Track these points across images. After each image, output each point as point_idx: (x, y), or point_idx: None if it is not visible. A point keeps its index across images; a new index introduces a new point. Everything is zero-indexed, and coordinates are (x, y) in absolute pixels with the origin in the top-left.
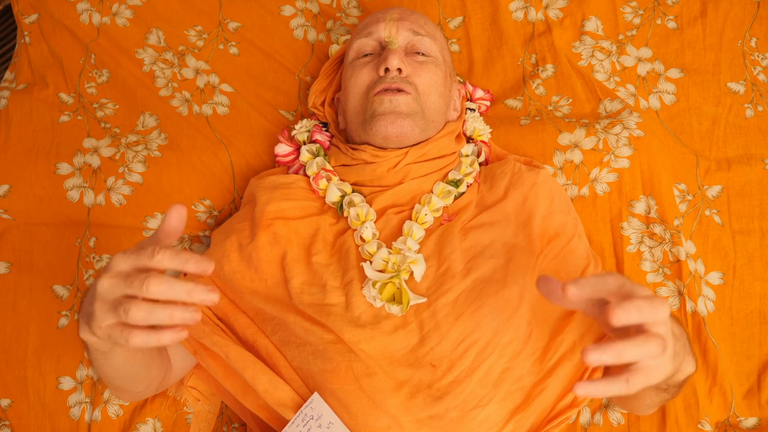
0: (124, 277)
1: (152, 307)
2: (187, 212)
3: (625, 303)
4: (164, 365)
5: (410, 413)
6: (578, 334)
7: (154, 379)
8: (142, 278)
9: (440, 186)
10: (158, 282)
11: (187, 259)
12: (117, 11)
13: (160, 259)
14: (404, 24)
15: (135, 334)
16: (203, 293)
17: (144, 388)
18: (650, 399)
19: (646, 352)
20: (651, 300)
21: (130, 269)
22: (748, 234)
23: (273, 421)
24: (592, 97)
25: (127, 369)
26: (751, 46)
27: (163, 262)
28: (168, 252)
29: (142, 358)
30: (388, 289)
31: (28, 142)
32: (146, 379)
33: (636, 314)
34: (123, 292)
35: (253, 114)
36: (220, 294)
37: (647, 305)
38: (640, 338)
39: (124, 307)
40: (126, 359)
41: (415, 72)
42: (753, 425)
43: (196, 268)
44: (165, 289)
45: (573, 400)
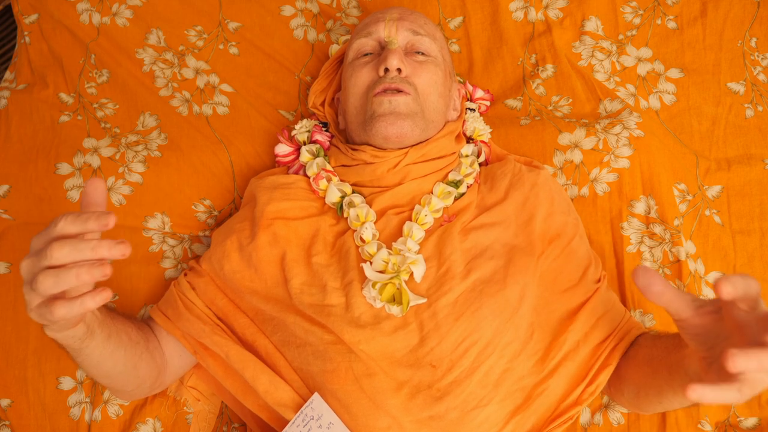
0: (36, 253)
1: (59, 271)
2: (103, 183)
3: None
4: (155, 364)
5: (410, 413)
6: (581, 334)
7: (145, 379)
8: (46, 250)
9: (440, 187)
10: (60, 246)
11: (86, 218)
12: (117, 11)
13: (63, 225)
14: (404, 24)
15: (57, 305)
16: (109, 247)
17: (135, 387)
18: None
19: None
20: None
21: (43, 245)
22: (748, 234)
23: (273, 421)
24: (592, 97)
25: (108, 367)
26: (751, 46)
27: (66, 227)
28: (69, 216)
29: (125, 356)
30: (388, 290)
31: (28, 142)
32: (134, 378)
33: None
34: (37, 268)
35: (253, 114)
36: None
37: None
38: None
39: (35, 281)
40: (104, 357)
41: (415, 72)
42: (753, 425)
43: (97, 224)
44: (69, 251)
45: (577, 398)
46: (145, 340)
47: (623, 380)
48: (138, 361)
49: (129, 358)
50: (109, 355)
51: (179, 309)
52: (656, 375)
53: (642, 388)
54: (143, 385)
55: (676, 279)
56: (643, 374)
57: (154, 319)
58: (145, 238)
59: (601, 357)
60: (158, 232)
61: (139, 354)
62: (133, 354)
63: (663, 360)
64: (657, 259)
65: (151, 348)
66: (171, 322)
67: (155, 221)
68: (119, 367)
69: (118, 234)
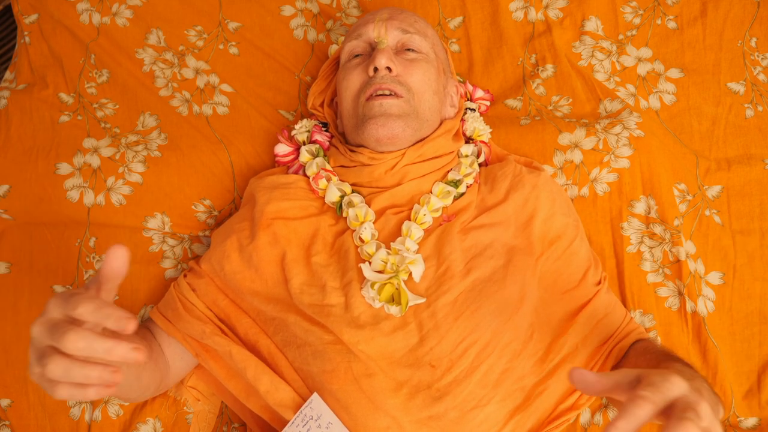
0: (51, 326)
1: (71, 365)
2: (128, 253)
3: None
4: (158, 370)
5: (410, 413)
6: (581, 337)
7: (148, 386)
8: (62, 331)
9: (439, 186)
10: (76, 338)
11: (107, 315)
12: (117, 11)
13: (81, 312)
14: (393, 23)
15: (61, 388)
16: (125, 351)
17: (138, 395)
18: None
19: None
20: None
21: (60, 316)
22: (748, 234)
23: (275, 421)
24: (592, 97)
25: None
26: (751, 46)
27: (84, 315)
28: (91, 305)
29: (127, 371)
30: (387, 290)
31: (28, 142)
32: (137, 388)
33: None
34: (48, 343)
35: (253, 114)
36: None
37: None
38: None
39: (44, 361)
40: None
41: (407, 70)
42: (753, 425)
43: (116, 325)
44: (83, 346)
45: (575, 402)
46: (149, 350)
47: None
48: (141, 373)
49: (132, 371)
50: None
51: (179, 311)
52: None
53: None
54: (147, 391)
55: (676, 279)
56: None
57: (154, 321)
58: (145, 238)
59: (599, 361)
60: (158, 232)
61: (143, 366)
62: (136, 368)
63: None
64: (657, 259)
65: (155, 356)
66: (171, 324)
67: (155, 221)
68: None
69: (118, 234)
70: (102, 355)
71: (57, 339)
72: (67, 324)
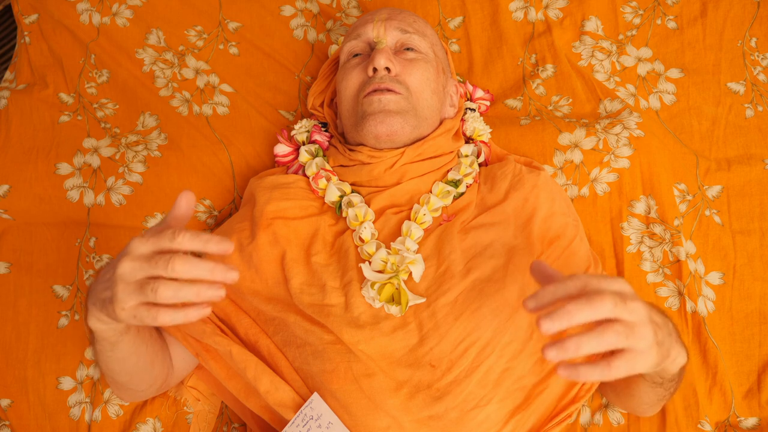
0: (147, 259)
1: (180, 286)
2: (195, 198)
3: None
4: (166, 364)
5: (410, 413)
6: None
7: (157, 378)
8: (166, 258)
9: (439, 186)
10: (183, 262)
11: (207, 240)
12: (117, 11)
13: (181, 241)
14: (392, 23)
15: (163, 312)
16: (224, 271)
17: (147, 387)
18: (647, 396)
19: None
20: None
21: (150, 252)
22: (748, 234)
23: (275, 422)
24: (592, 97)
25: (133, 363)
26: (751, 46)
27: (184, 243)
28: (188, 234)
29: (146, 352)
30: (387, 290)
31: (28, 142)
32: (149, 377)
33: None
34: (147, 273)
35: (253, 114)
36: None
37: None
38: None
39: (152, 286)
40: (131, 352)
41: (405, 70)
42: (753, 425)
43: (217, 249)
44: (189, 268)
45: (574, 396)
46: (161, 340)
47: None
48: (155, 358)
49: (149, 354)
50: (135, 349)
51: None
52: None
53: (616, 385)
54: (154, 384)
55: (676, 279)
56: None
57: None
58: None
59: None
60: None
61: (157, 351)
62: (153, 351)
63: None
64: (657, 259)
65: (164, 348)
66: None
67: (155, 221)
68: (141, 363)
69: (118, 234)
70: (206, 274)
71: (162, 266)
72: (162, 254)
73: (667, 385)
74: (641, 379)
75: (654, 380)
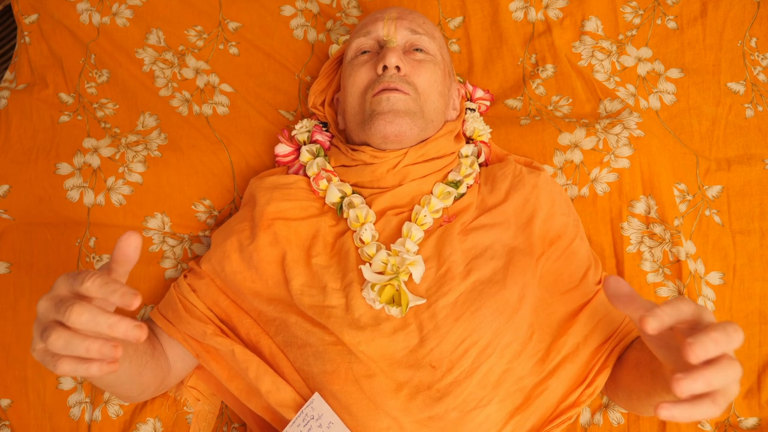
0: (58, 301)
1: (72, 337)
2: (140, 240)
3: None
4: (160, 369)
5: (410, 414)
6: (581, 337)
7: (149, 385)
8: (67, 305)
9: (440, 187)
10: (80, 312)
11: (114, 290)
12: (117, 11)
13: (88, 287)
14: (402, 23)
15: (62, 362)
16: (127, 329)
17: (139, 393)
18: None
19: (731, 377)
20: (725, 330)
21: (66, 293)
22: (748, 234)
23: (276, 422)
24: (592, 97)
25: (112, 379)
26: (751, 46)
27: (91, 289)
28: (98, 280)
29: (129, 367)
30: (387, 291)
31: (28, 142)
32: (138, 386)
33: (713, 348)
34: (53, 317)
35: (253, 114)
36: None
37: (723, 337)
38: (724, 365)
39: (47, 332)
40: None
41: (414, 71)
42: (753, 425)
43: (121, 301)
44: (86, 320)
45: (575, 400)
46: (152, 347)
47: (617, 383)
48: (143, 370)
49: (134, 367)
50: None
51: (179, 312)
52: (642, 379)
53: (633, 392)
54: (147, 390)
55: (676, 279)
56: (632, 378)
57: (154, 322)
58: (145, 238)
59: (600, 360)
60: (158, 232)
61: (144, 363)
62: (138, 364)
63: (648, 364)
64: (657, 259)
65: (157, 355)
66: (172, 325)
67: (155, 221)
68: (123, 378)
69: (118, 234)
70: (105, 329)
71: (62, 312)
72: (73, 298)
73: None
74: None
75: None
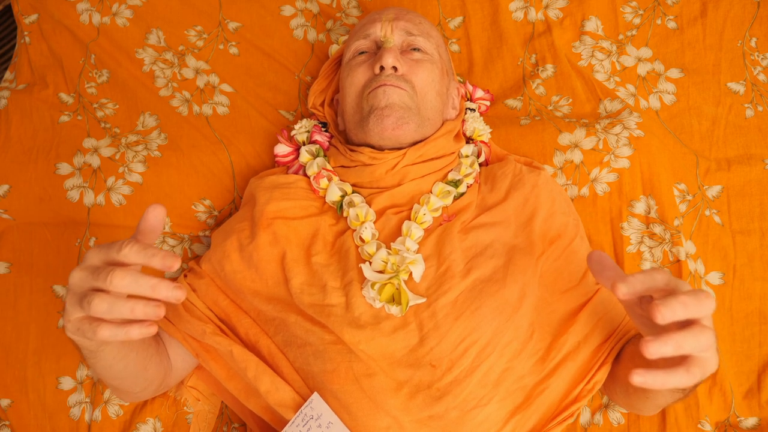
0: (93, 270)
1: (115, 300)
2: (165, 211)
3: (670, 299)
4: (163, 366)
5: (410, 413)
6: (582, 335)
7: (152, 380)
8: (108, 270)
9: (439, 186)
10: (122, 275)
11: (153, 254)
12: (117, 11)
13: (126, 253)
14: (399, 23)
15: (103, 327)
16: (168, 289)
17: (141, 389)
18: (664, 399)
19: (702, 343)
20: (696, 295)
21: (100, 263)
22: (748, 234)
23: (276, 422)
24: (592, 97)
25: (120, 369)
26: (751, 46)
27: (129, 255)
28: (135, 246)
29: (136, 359)
30: (387, 290)
31: (28, 142)
32: (143, 380)
33: (682, 312)
34: (90, 285)
35: (253, 114)
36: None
37: (692, 301)
38: (696, 329)
39: (88, 299)
40: (117, 359)
41: (412, 70)
42: (753, 425)
43: (162, 264)
44: (128, 283)
45: (576, 396)
46: (156, 343)
47: (614, 378)
48: (148, 363)
49: (140, 360)
50: (122, 357)
51: (179, 311)
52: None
53: (629, 385)
54: (150, 386)
55: None
56: (628, 370)
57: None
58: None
59: (601, 358)
60: None
61: (150, 356)
62: (144, 356)
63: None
64: (657, 259)
65: (160, 351)
66: (172, 324)
67: None
68: (130, 369)
69: (118, 234)
70: (148, 290)
71: (102, 279)
72: (111, 265)
73: (687, 391)
74: None
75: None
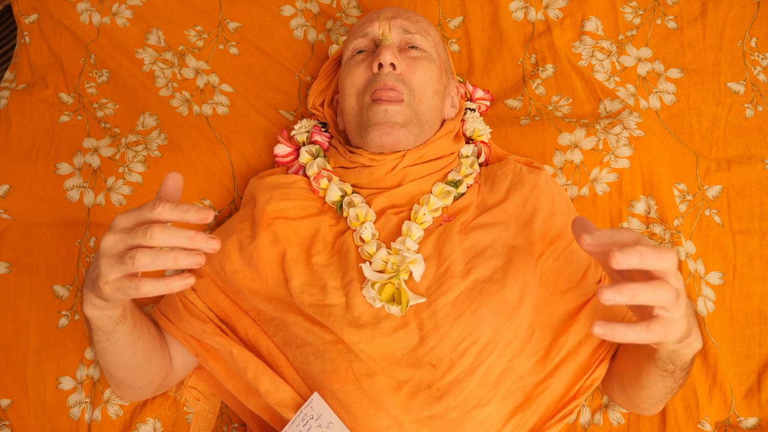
0: (128, 231)
1: (157, 253)
2: (182, 178)
3: (628, 248)
4: (165, 362)
5: (410, 413)
6: (582, 335)
7: (155, 376)
8: (145, 228)
9: (439, 186)
10: (161, 230)
11: (186, 209)
12: (117, 11)
13: (160, 211)
14: (397, 22)
15: (145, 282)
16: (204, 240)
17: (144, 385)
18: (656, 387)
19: (660, 297)
20: (656, 249)
21: (132, 225)
22: (748, 234)
23: (275, 422)
24: (592, 97)
25: (129, 357)
26: (751, 46)
27: (164, 213)
28: (168, 204)
29: (144, 347)
30: (388, 290)
31: (28, 142)
32: (147, 374)
33: (637, 259)
34: (128, 244)
35: (253, 114)
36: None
37: (651, 252)
38: (654, 283)
39: (130, 254)
40: (128, 344)
41: (410, 69)
42: (753, 425)
43: (197, 217)
44: (168, 236)
45: (575, 393)
46: (160, 337)
47: (611, 373)
48: (153, 355)
49: (147, 350)
50: (132, 343)
51: (180, 311)
52: (631, 358)
53: (625, 377)
54: (152, 383)
55: None
56: (623, 362)
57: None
58: None
59: (600, 358)
60: None
61: (155, 348)
62: (151, 347)
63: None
64: None
65: (164, 346)
66: (172, 324)
67: None
68: (137, 358)
69: None
70: (186, 241)
71: (141, 235)
72: (143, 225)
73: (677, 375)
74: (653, 367)
75: (666, 368)
